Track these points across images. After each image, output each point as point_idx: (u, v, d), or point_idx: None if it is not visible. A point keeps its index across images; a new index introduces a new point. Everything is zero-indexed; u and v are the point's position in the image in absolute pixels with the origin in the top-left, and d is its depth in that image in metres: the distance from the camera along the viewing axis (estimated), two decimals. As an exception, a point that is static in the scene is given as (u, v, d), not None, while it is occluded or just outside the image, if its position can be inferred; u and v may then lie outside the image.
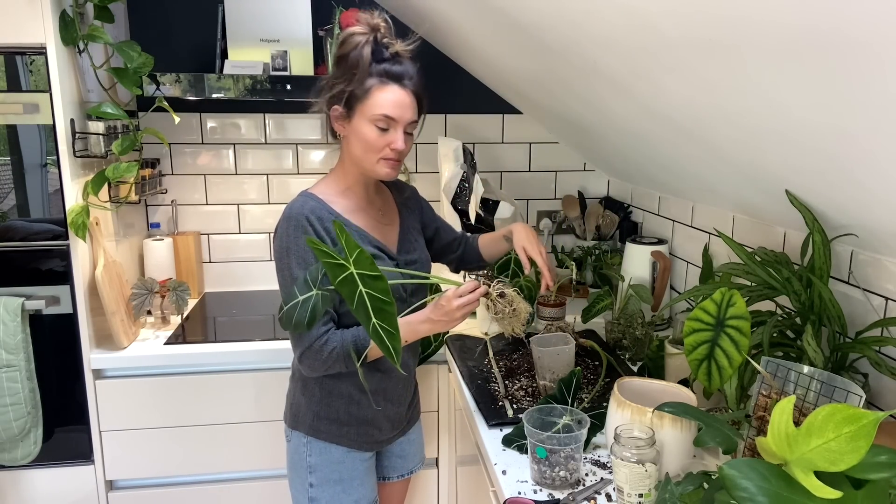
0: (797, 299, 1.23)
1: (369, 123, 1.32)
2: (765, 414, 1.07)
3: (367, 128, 1.33)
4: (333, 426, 1.45)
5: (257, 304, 2.29)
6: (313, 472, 1.46)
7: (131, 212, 2.20)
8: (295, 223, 1.32)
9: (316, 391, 1.45)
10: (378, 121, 1.32)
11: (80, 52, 1.78)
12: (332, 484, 1.46)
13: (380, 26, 1.33)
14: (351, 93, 1.32)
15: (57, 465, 1.88)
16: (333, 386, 1.44)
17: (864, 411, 0.75)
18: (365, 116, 1.32)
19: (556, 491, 1.18)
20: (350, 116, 1.34)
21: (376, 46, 1.32)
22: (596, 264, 2.37)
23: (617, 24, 1.10)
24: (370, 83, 1.31)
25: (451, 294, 1.31)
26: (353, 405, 1.45)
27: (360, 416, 1.46)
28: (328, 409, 1.45)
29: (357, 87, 1.31)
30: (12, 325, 1.72)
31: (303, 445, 1.46)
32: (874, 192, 1.01)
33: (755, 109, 1.03)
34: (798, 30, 0.76)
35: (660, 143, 1.56)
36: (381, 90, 1.31)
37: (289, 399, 1.52)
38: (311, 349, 1.32)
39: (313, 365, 1.34)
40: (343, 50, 1.33)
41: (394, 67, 1.33)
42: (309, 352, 1.32)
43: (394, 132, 1.34)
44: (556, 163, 2.52)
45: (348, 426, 1.46)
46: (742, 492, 0.77)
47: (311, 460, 1.46)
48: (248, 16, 2.10)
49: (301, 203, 1.35)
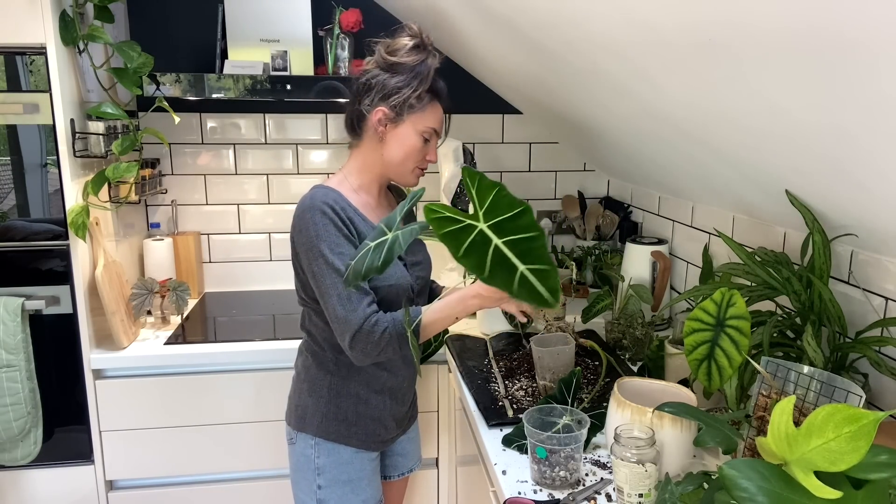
0: (797, 299, 1.23)
1: (417, 134, 1.38)
2: (765, 414, 1.07)
3: (414, 137, 1.38)
4: (342, 426, 1.45)
5: (257, 304, 2.29)
6: (322, 473, 1.46)
7: (131, 212, 2.20)
8: (318, 211, 1.32)
9: (324, 392, 1.45)
10: (426, 133, 1.39)
11: (80, 52, 1.78)
12: (341, 485, 1.46)
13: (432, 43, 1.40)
14: (407, 101, 1.35)
15: (57, 465, 1.88)
16: (342, 386, 1.45)
17: (864, 411, 0.75)
18: (416, 126, 1.38)
19: (556, 491, 1.18)
20: (398, 122, 1.37)
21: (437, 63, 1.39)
22: (596, 264, 2.37)
23: (617, 24, 1.10)
24: (425, 97, 1.38)
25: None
26: (361, 404, 1.46)
27: (367, 415, 1.47)
28: (337, 409, 1.45)
29: (416, 97, 1.36)
30: (12, 325, 1.72)
31: (310, 447, 1.46)
32: (874, 192, 1.01)
33: (755, 109, 1.03)
34: (798, 30, 0.76)
35: (660, 143, 1.56)
36: (433, 105, 1.40)
37: (292, 401, 1.51)
38: (362, 332, 1.29)
39: (366, 349, 1.30)
40: (407, 58, 1.35)
41: (440, 84, 1.41)
42: (360, 334, 1.29)
43: (432, 145, 1.43)
44: (556, 163, 2.52)
45: (357, 426, 1.46)
46: (742, 492, 0.77)
47: (320, 461, 1.45)
48: (248, 16, 2.10)
49: (317, 194, 1.35)
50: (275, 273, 2.44)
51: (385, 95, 1.36)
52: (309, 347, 1.49)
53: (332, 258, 1.30)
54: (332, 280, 1.30)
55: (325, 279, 1.31)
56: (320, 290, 1.32)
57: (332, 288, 1.30)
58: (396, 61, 1.36)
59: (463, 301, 1.33)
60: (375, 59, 1.39)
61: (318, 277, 1.32)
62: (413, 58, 1.36)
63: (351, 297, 1.29)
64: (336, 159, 2.40)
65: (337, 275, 1.29)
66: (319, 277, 1.32)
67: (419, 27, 1.39)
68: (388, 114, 1.37)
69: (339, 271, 1.29)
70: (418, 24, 1.39)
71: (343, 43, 2.16)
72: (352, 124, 1.43)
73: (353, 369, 1.44)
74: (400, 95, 1.35)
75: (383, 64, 1.37)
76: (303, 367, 1.50)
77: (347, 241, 1.33)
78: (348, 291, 1.29)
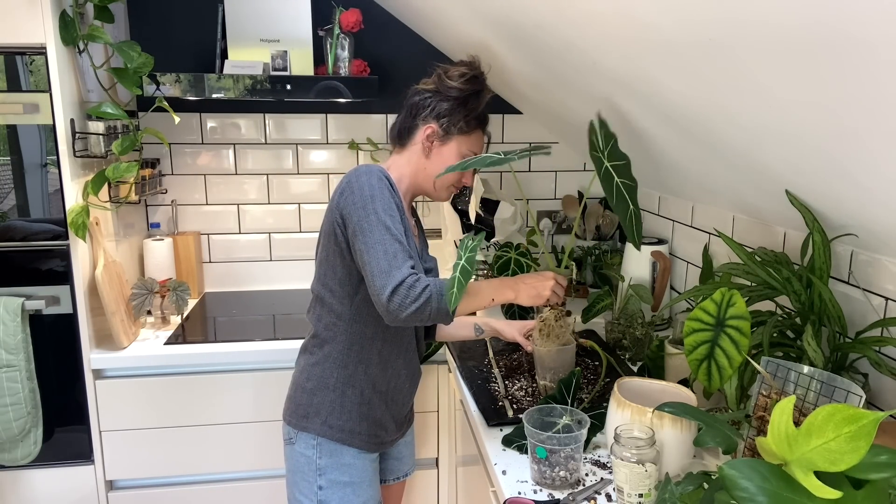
0: (797, 299, 1.23)
1: (460, 155, 1.48)
2: (765, 414, 1.07)
3: (456, 158, 1.47)
4: (346, 427, 1.45)
5: (257, 304, 2.29)
6: (323, 473, 1.45)
7: (131, 212, 2.20)
8: (376, 176, 1.36)
9: (328, 392, 1.45)
10: (467, 155, 1.48)
11: (80, 52, 1.78)
12: (343, 486, 1.46)
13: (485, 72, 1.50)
14: (458, 123, 1.46)
15: (57, 465, 1.88)
16: (347, 386, 1.45)
17: (864, 411, 0.75)
18: (459, 148, 1.47)
19: (556, 491, 1.18)
20: (445, 140, 1.47)
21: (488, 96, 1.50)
22: (596, 264, 2.37)
23: (617, 24, 1.10)
24: (473, 123, 1.48)
25: (553, 274, 1.41)
26: (365, 405, 1.46)
27: (370, 416, 1.47)
28: (341, 410, 1.45)
29: (464, 123, 1.46)
30: (12, 325, 1.72)
31: (311, 447, 1.45)
32: (874, 192, 1.01)
33: (755, 109, 1.03)
34: (798, 29, 0.76)
35: (660, 142, 1.56)
36: (478, 133, 1.51)
37: (293, 400, 1.50)
38: (405, 283, 1.27)
39: (404, 302, 1.26)
40: (469, 87, 1.45)
41: (485, 112, 1.51)
42: (402, 286, 1.27)
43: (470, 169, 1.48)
44: (556, 163, 2.52)
45: (360, 427, 1.46)
46: (742, 492, 0.77)
47: (322, 462, 1.45)
48: (248, 16, 2.10)
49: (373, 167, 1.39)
50: (275, 273, 2.44)
51: (439, 114, 1.45)
52: (316, 344, 1.48)
53: (383, 216, 1.32)
54: (381, 236, 1.31)
55: (374, 234, 1.31)
56: (367, 243, 1.31)
57: (379, 244, 1.30)
58: (455, 86, 1.45)
59: (501, 287, 1.39)
60: (434, 79, 1.48)
61: (366, 233, 1.32)
62: (469, 86, 1.45)
63: (398, 253, 1.30)
64: (336, 159, 2.40)
65: (387, 232, 1.30)
66: (368, 232, 1.31)
67: (478, 61, 1.49)
68: (438, 131, 1.46)
69: (388, 229, 1.31)
70: (478, 58, 1.50)
71: (343, 43, 2.16)
72: (400, 134, 1.50)
73: (359, 367, 1.44)
74: (452, 118, 1.45)
75: (441, 86, 1.46)
76: (306, 366, 1.49)
77: (399, 211, 1.37)
78: (395, 248, 1.30)
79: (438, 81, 1.47)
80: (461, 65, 1.49)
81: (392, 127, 1.53)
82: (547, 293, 1.39)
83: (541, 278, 1.40)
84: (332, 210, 1.39)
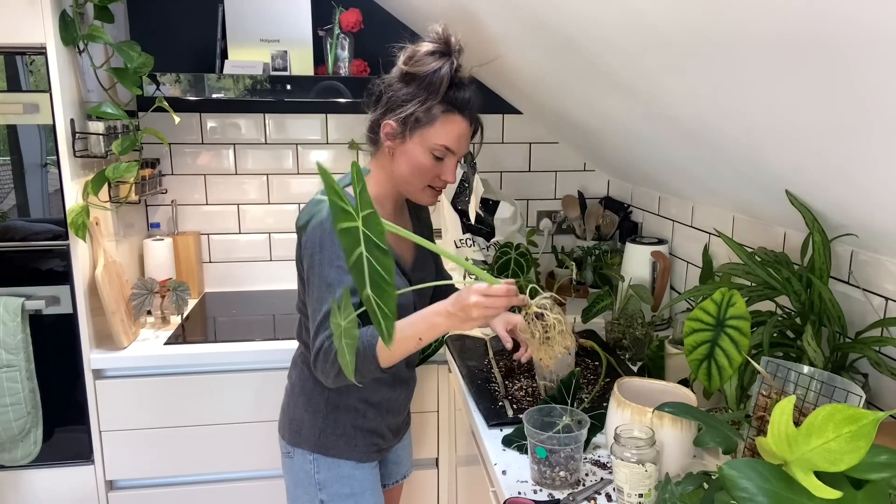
0: (797, 299, 1.23)
1: (426, 151, 1.26)
2: (765, 414, 1.07)
3: (422, 155, 1.26)
4: (341, 441, 1.41)
5: (257, 304, 2.29)
6: (323, 488, 1.42)
7: (131, 212, 2.20)
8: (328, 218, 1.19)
9: (321, 407, 1.40)
10: (436, 150, 1.26)
11: (80, 52, 1.78)
12: (345, 498, 1.42)
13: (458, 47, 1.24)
14: (413, 115, 1.23)
15: (57, 465, 1.88)
16: (339, 401, 1.40)
17: (864, 411, 0.75)
18: (423, 143, 1.25)
19: (556, 491, 1.18)
20: (405, 138, 1.26)
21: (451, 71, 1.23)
22: (596, 264, 2.37)
23: (617, 24, 1.10)
24: (436, 110, 1.24)
25: (476, 288, 1.12)
26: (360, 418, 1.41)
27: (365, 427, 1.43)
28: (335, 424, 1.40)
29: (422, 111, 1.23)
30: (12, 325, 1.72)
31: (308, 462, 1.42)
32: (874, 192, 1.01)
33: (755, 109, 1.03)
34: (798, 29, 0.76)
35: (660, 143, 1.56)
36: (445, 120, 1.24)
37: (287, 414, 1.46)
38: (321, 352, 1.18)
39: (325, 368, 1.19)
40: (417, 68, 1.23)
41: (460, 94, 1.25)
42: (319, 354, 1.19)
43: (447, 163, 1.28)
44: (556, 163, 2.52)
45: (355, 439, 1.42)
46: (742, 492, 0.77)
47: (320, 477, 1.41)
48: (248, 16, 2.10)
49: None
50: (275, 273, 2.44)
51: (390, 108, 1.25)
52: (305, 360, 1.43)
53: (328, 272, 1.20)
54: (319, 293, 1.21)
55: (314, 290, 1.22)
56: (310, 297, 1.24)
57: (317, 301, 1.21)
58: (409, 70, 1.23)
59: (428, 319, 1.17)
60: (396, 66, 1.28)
61: (309, 285, 1.25)
62: (429, 66, 1.22)
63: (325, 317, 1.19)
64: (336, 160, 2.40)
65: (327, 290, 1.19)
66: (311, 285, 1.24)
67: (444, 28, 1.24)
68: (395, 128, 1.26)
69: (329, 287, 1.19)
70: (445, 24, 1.24)
71: (343, 43, 2.16)
72: (370, 135, 1.34)
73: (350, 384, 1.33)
74: (405, 109, 1.23)
75: (398, 72, 1.26)
76: (298, 380, 1.44)
77: None
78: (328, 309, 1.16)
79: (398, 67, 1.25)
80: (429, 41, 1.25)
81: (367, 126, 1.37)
82: (475, 314, 1.12)
83: (462, 301, 1.13)
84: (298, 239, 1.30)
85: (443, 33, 1.24)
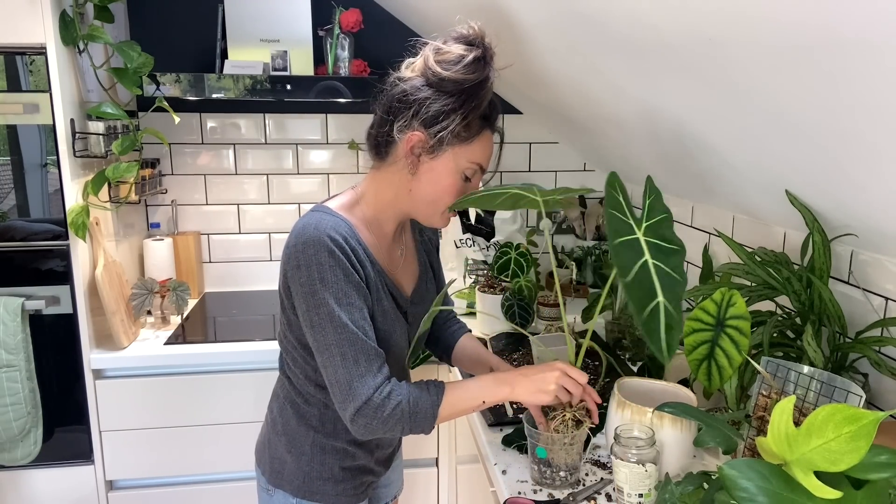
0: (797, 299, 1.23)
1: (458, 171, 1.11)
2: (765, 414, 1.07)
3: (454, 174, 1.10)
4: (328, 485, 1.24)
5: (257, 304, 2.29)
6: None
7: (131, 212, 2.20)
8: (325, 249, 1.06)
9: (306, 449, 1.23)
10: (469, 170, 1.12)
11: (80, 52, 1.78)
12: None
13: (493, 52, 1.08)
14: (453, 130, 1.06)
15: (57, 465, 1.88)
16: (326, 442, 1.24)
17: (864, 411, 0.75)
18: (457, 160, 1.10)
19: (556, 491, 1.18)
20: (436, 153, 1.09)
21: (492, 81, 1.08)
22: (596, 264, 2.37)
23: (616, 24, 1.10)
24: (476, 126, 1.09)
25: (561, 365, 1.10)
26: (348, 459, 1.25)
27: (354, 467, 1.27)
28: (321, 467, 1.24)
29: (463, 127, 1.07)
30: (12, 325, 1.72)
31: None
32: (874, 192, 1.01)
33: (755, 109, 1.03)
34: (798, 29, 0.76)
35: (660, 143, 1.56)
36: (484, 136, 1.11)
37: (266, 448, 1.29)
38: (370, 404, 1.05)
39: (371, 425, 1.06)
40: (461, 75, 1.05)
41: (495, 110, 1.13)
42: (367, 407, 1.05)
43: (474, 184, 1.16)
44: (556, 163, 2.52)
45: (344, 482, 1.26)
46: (742, 492, 0.77)
47: None
48: (248, 16, 2.11)
49: (324, 222, 1.08)
50: (275, 273, 2.44)
51: (426, 119, 1.06)
52: (288, 395, 1.26)
53: (338, 311, 1.05)
54: (336, 337, 1.06)
55: (327, 333, 1.06)
56: (319, 346, 1.07)
57: (335, 346, 1.06)
58: (450, 76, 1.05)
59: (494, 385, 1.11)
60: (420, 66, 1.08)
61: (316, 329, 1.07)
62: (471, 75, 1.05)
63: (359, 359, 1.06)
64: (336, 160, 2.40)
65: (343, 331, 1.05)
66: (319, 329, 1.07)
67: (481, 29, 1.07)
68: (427, 141, 1.07)
69: (345, 327, 1.05)
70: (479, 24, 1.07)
71: (343, 43, 2.16)
72: (377, 144, 1.14)
73: (339, 425, 1.22)
74: (446, 122, 1.06)
75: (431, 77, 1.06)
76: (279, 416, 1.27)
77: (356, 290, 1.08)
78: (355, 351, 1.06)
79: (426, 68, 1.07)
80: (459, 41, 1.07)
81: (368, 132, 1.16)
82: (552, 388, 1.08)
83: (545, 369, 1.10)
84: (281, 268, 1.13)
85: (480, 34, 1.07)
